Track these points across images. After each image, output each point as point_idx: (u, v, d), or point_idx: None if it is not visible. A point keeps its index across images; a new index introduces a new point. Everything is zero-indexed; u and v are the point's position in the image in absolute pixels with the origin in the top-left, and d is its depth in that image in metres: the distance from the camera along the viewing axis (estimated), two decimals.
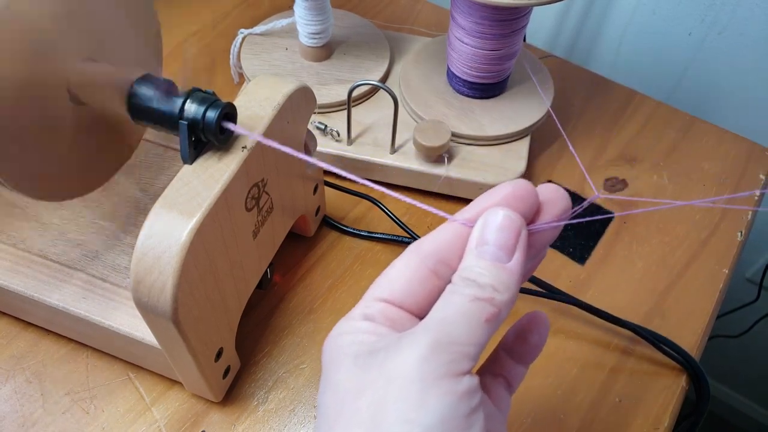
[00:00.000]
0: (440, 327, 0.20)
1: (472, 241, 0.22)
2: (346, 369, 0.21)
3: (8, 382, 0.41)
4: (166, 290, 0.30)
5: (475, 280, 0.21)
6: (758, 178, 0.55)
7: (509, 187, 0.22)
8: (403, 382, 0.20)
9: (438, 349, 0.20)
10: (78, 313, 0.38)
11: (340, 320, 0.23)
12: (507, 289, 0.21)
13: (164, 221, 0.30)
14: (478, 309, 0.21)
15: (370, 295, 0.23)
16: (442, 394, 0.19)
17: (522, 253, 0.22)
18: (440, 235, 0.23)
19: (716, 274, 0.49)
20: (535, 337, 0.26)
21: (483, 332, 0.20)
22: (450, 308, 0.21)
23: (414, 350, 0.20)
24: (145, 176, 0.45)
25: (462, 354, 0.20)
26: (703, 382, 0.43)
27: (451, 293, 0.21)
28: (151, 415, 0.40)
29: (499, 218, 0.21)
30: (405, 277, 0.23)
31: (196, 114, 0.31)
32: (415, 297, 0.23)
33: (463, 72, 0.52)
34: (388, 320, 0.23)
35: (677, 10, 0.68)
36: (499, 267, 0.21)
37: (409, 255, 0.23)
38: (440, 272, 0.23)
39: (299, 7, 0.52)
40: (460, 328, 0.20)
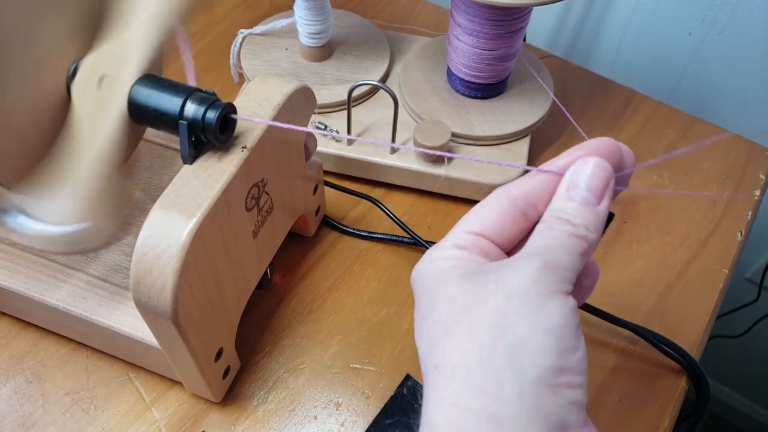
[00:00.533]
0: (546, 253, 0.23)
1: (563, 185, 0.24)
2: (458, 284, 0.23)
3: (8, 383, 0.41)
4: (165, 290, 0.30)
5: (569, 219, 0.23)
6: (758, 178, 0.55)
7: (597, 141, 0.25)
8: (523, 295, 0.22)
9: (548, 269, 0.22)
10: (78, 313, 0.38)
11: (430, 249, 0.25)
12: (596, 230, 0.23)
13: (164, 221, 0.30)
14: (576, 243, 0.23)
15: (460, 228, 0.25)
16: (558, 305, 0.22)
17: (609, 200, 0.24)
18: (529, 181, 0.25)
19: (716, 274, 0.49)
20: (588, 280, 0.29)
21: (579, 262, 0.23)
22: (553, 240, 0.23)
23: (527, 270, 0.22)
24: (145, 176, 0.45)
25: (565, 277, 0.22)
26: (703, 382, 0.43)
27: (548, 229, 0.23)
28: (151, 415, 0.40)
29: (591, 165, 0.24)
30: (497, 213, 0.25)
31: (196, 114, 0.31)
32: (505, 233, 0.25)
33: (463, 72, 0.52)
34: (482, 252, 0.25)
35: (677, 10, 0.68)
36: (590, 209, 0.23)
37: (499, 195, 0.25)
38: (528, 214, 0.25)
39: (299, 7, 0.52)
40: (564, 256, 0.23)
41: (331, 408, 0.41)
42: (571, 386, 0.21)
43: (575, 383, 0.21)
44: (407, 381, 0.42)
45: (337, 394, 0.42)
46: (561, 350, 0.21)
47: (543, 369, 0.21)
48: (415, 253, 0.49)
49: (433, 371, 0.23)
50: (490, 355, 0.21)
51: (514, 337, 0.21)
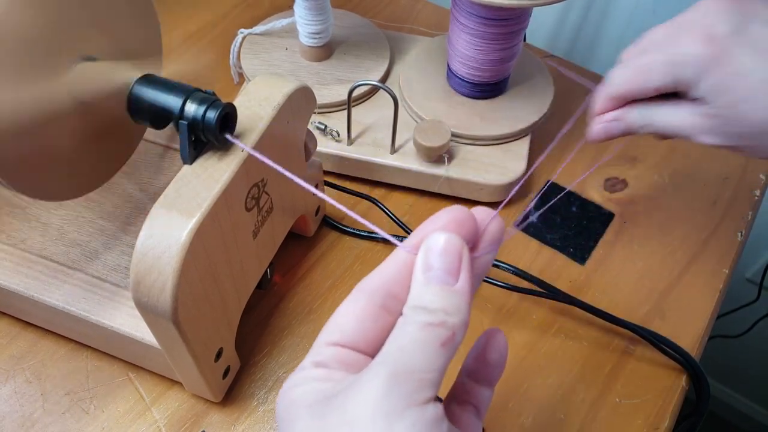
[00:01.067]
0: (396, 358, 0.20)
1: (417, 269, 0.22)
2: (303, 422, 0.20)
3: (8, 382, 0.41)
4: (165, 290, 0.30)
5: (425, 306, 0.21)
6: (758, 178, 0.55)
7: (448, 213, 0.22)
8: (367, 422, 0.19)
9: (397, 380, 0.19)
10: (78, 313, 0.38)
11: (291, 374, 0.22)
12: (458, 311, 0.21)
13: (164, 221, 0.30)
14: (432, 335, 0.20)
15: (319, 342, 0.23)
16: (409, 426, 0.19)
17: (467, 273, 0.21)
18: (385, 269, 0.23)
19: (716, 274, 0.49)
20: (495, 355, 0.25)
21: (440, 357, 0.20)
22: (404, 338, 0.20)
23: (372, 386, 0.19)
24: (145, 176, 0.45)
25: (422, 382, 0.19)
26: (703, 382, 0.43)
27: (403, 324, 0.21)
28: (150, 415, 0.40)
29: (441, 241, 0.21)
30: (354, 317, 0.22)
31: (196, 114, 0.31)
32: (367, 336, 0.22)
33: (463, 72, 0.52)
34: (342, 364, 0.22)
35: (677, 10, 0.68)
36: (447, 290, 0.21)
37: (355, 294, 0.23)
38: (390, 307, 0.22)
39: (299, 7, 0.52)
40: (417, 357, 0.20)
41: None
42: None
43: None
44: None
45: None
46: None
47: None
48: None
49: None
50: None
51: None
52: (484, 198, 0.51)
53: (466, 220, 0.22)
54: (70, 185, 0.36)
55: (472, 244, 0.23)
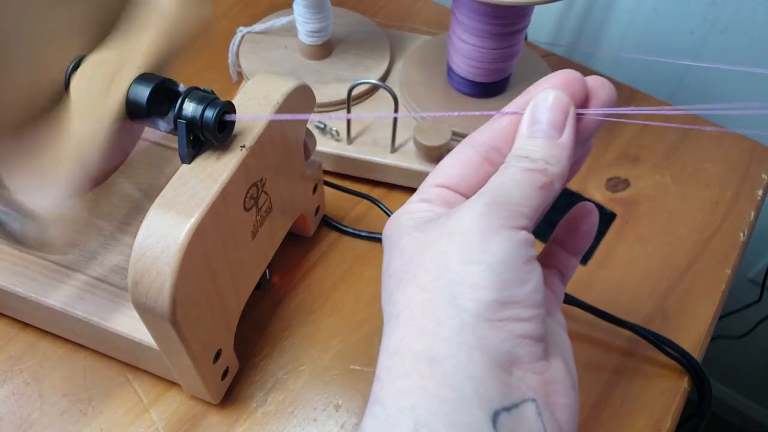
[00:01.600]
0: (495, 190, 0.22)
1: (523, 124, 0.23)
2: (409, 235, 0.23)
3: (6, 384, 0.41)
4: (164, 291, 0.29)
5: (527, 155, 0.23)
6: (761, 178, 0.55)
7: (558, 74, 0.24)
8: (465, 234, 0.21)
9: (495, 206, 0.21)
10: (76, 314, 0.38)
11: (399, 209, 0.25)
12: (558, 162, 0.22)
13: (162, 221, 0.30)
14: (532, 177, 0.22)
15: (426, 183, 0.25)
16: (502, 240, 0.21)
17: (571, 130, 0.23)
18: (493, 125, 0.25)
19: (719, 275, 0.49)
20: (585, 225, 0.27)
21: (536, 198, 0.22)
22: (504, 177, 0.22)
23: (473, 208, 0.22)
24: (143, 176, 0.44)
25: (518, 212, 0.22)
26: (706, 383, 0.43)
27: (504, 167, 0.23)
28: (149, 417, 0.40)
29: (550, 98, 0.23)
30: (459, 163, 0.25)
31: (195, 113, 0.31)
32: (469, 181, 0.25)
33: (464, 71, 0.52)
34: (444, 202, 0.24)
35: (679, 9, 0.68)
36: (550, 142, 0.23)
37: (463, 145, 0.25)
38: (492, 159, 0.24)
39: (298, 5, 0.52)
40: (515, 191, 0.22)
41: (330, 410, 0.41)
42: (519, 319, 0.21)
43: (523, 316, 0.21)
44: None
45: (337, 396, 0.41)
46: (503, 284, 0.21)
47: (482, 303, 0.20)
48: None
49: (385, 324, 0.22)
50: (431, 296, 0.21)
51: (454, 274, 0.21)
52: None
53: (575, 81, 0.24)
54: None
55: (580, 105, 0.24)
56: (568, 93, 0.23)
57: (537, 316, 0.21)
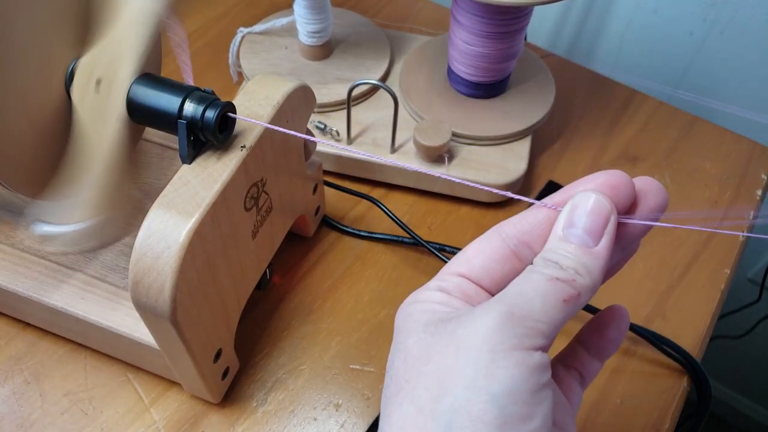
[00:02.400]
0: (515, 300, 0.20)
1: (558, 225, 0.22)
2: (416, 335, 0.21)
3: (6, 383, 0.41)
4: (164, 290, 0.30)
5: (557, 261, 0.21)
6: (760, 178, 0.55)
7: (604, 175, 0.22)
8: (473, 350, 0.19)
9: (511, 320, 0.19)
10: (77, 314, 0.38)
11: (414, 291, 0.23)
12: (589, 274, 0.21)
13: (163, 221, 0.30)
14: (557, 289, 0.20)
15: (446, 270, 0.23)
16: (512, 365, 0.19)
17: (609, 240, 0.21)
18: (526, 217, 0.23)
19: (718, 275, 0.49)
20: (614, 331, 0.25)
21: (559, 312, 0.20)
22: (527, 284, 0.20)
23: (486, 320, 0.20)
24: (144, 176, 0.44)
25: (535, 330, 0.20)
26: (705, 383, 0.43)
27: (530, 272, 0.21)
28: (149, 416, 0.40)
29: (590, 202, 0.21)
30: (485, 254, 0.23)
31: (195, 113, 0.31)
32: (493, 276, 0.23)
33: (463, 71, 0.52)
34: (464, 295, 0.22)
35: (678, 9, 0.68)
36: (584, 250, 0.21)
37: (491, 233, 0.23)
38: (521, 254, 0.23)
39: (299, 6, 0.52)
40: (536, 304, 0.20)
41: (330, 409, 0.41)
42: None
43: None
44: None
45: (337, 396, 0.41)
46: (505, 419, 0.19)
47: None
48: (415, 253, 0.49)
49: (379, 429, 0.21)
50: (425, 421, 0.19)
51: (454, 400, 0.19)
52: (485, 198, 0.51)
53: (621, 185, 0.22)
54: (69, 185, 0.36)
55: (625, 210, 0.22)
56: (611, 197, 0.21)
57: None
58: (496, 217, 0.52)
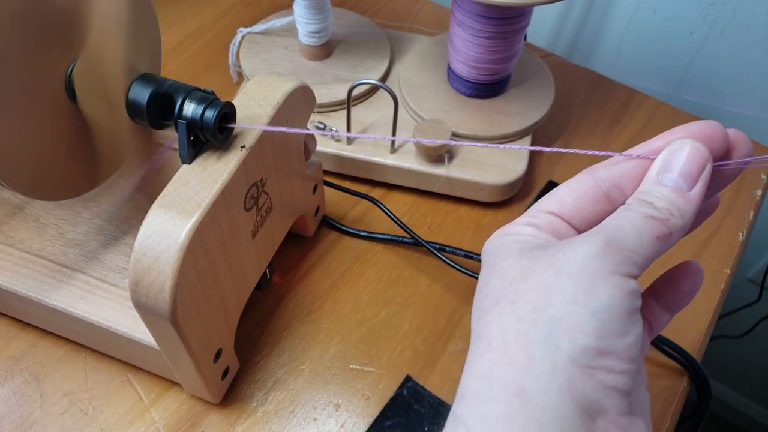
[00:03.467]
0: (613, 232, 0.21)
1: (653, 168, 0.23)
2: (513, 259, 0.22)
3: (6, 383, 0.41)
4: (164, 290, 0.30)
5: (652, 202, 0.22)
6: (760, 178, 0.55)
7: (699, 124, 0.23)
8: (574, 272, 0.21)
9: (609, 249, 0.21)
10: (76, 314, 0.38)
11: (503, 226, 0.24)
12: (682, 216, 0.22)
13: (163, 221, 0.30)
14: (652, 225, 0.21)
15: (537, 207, 0.24)
16: (611, 286, 0.20)
17: (703, 186, 0.22)
18: (619, 163, 0.24)
19: (718, 275, 0.49)
20: (687, 285, 0.26)
21: (652, 247, 0.21)
22: (624, 219, 0.21)
23: (586, 246, 0.21)
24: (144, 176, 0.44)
25: (631, 260, 0.21)
26: (705, 383, 0.43)
27: (625, 209, 0.22)
28: (149, 416, 0.40)
29: (687, 148, 0.22)
30: (577, 193, 0.24)
31: (195, 113, 0.31)
32: (584, 215, 0.24)
33: (463, 71, 0.52)
34: (553, 231, 0.23)
35: (678, 9, 0.68)
36: (678, 193, 0.22)
37: (584, 174, 0.24)
38: (613, 196, 0.23)
39: (299, 6, 0.52)
40: (632, 237, 0.21)
41: (330, 409, 0.41)
42: (612, 371, 0.20)
43: (617, 369, 0.20)
44: (407, 382, 0.42)
45: (337, 396, 0.41)
46: (603, 332, 0.20)
47: (579, 348, 0.20)
48: (415, 253, 0.49)
49: (473, 343, 0.22)
50: (527, 328, 0.21)
51: (555, 311, 0.20)
52: (484, 198, 0.51)
53: (717, 136, 0.23)
54: (69, 185, 0.36)
55: (718, 160, 0.23)
56: (708, 146, 0.22)
57: (630, 370, 0.21)
58: (496, 217, 0.52)
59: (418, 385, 0.42)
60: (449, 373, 0.42)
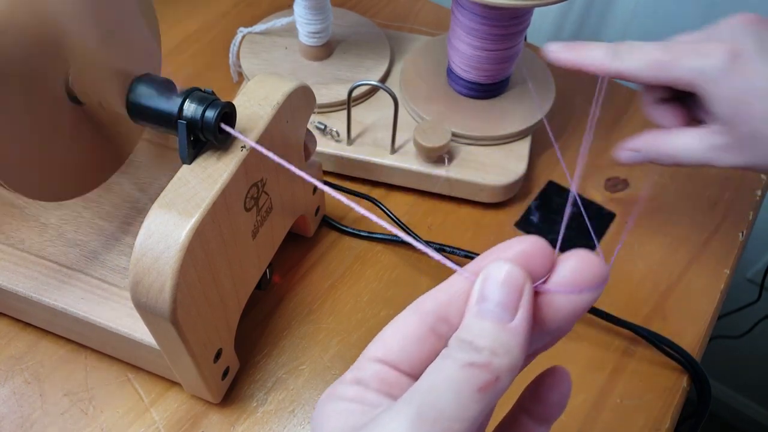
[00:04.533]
0: (424, 399, 0.18)
1: (472, 298, 0.20)
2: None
3: (7, 383, 0.41)
4: (164, 291, 0.30)
5: (472, 341, 0.19)
6: (759, 178, 0.55)
7: (519, 242, 0.20)
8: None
9: (422, 425, 0.18)
10: (77, 314, 0.38)
11: (334, 383, 0.22)
12: (507, 353, 0.18)
13: (163, 221, 0.30)
14: (471, 376, 0.18)
15: (365, 355, 0.21)
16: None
17: (527, 312, 0.19)
18: (443, 290, 0.21)
19: (717, 275, 0.49)
20: (555, 395, 0.23)
21: (475, 405, 0.18)
22: (438, 376, 0.18)
23: (392, 427, 0.18)
24: (144, 176, 0.44)
25: (451, 429, 0.18)
26: (705, 383, 0.43)
27: (443, 358, 0.19)
28: (150, 416, 0.40)
29: (502, 272, 0.19)
30: (401, 335, 0.21)
31: (195, 113, 0.31)
32: (411, 358, 0.21)
33: (463, 72, 0.52)
34: (383, 383, 0.21)
35: (678, 10, 0.68)
36: (500, 327, 0.19)
37: (407, 311, 0.21)
38: (440, 331, 0.21)
39: (299, 6, 0.52)
40: (448, 400, 0.18)
41: None
42: None
43: None
44: None
45: None
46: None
47: None
48: (415, 253, 0.49)
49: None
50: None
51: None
52: (484, 198, 0.51)
53: (538, 253, 0.20)
54: (69, 185, 0.36)
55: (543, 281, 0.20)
56: (525, 267, 0.20)
57: None
58: (496, 217, 0.52)
59: None
60: None
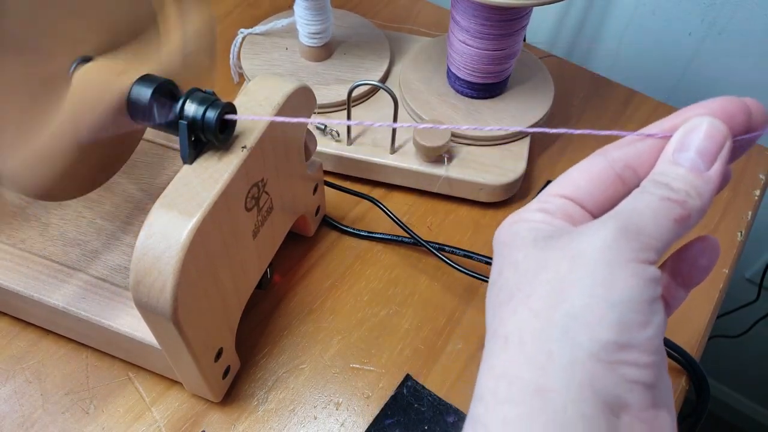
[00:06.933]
0: (629, 216, 0.20)
1: (669, 148, 0.22)
2: (526, 249, 0.22)
3: (8, 382, 0.41)
4: (165, 290, 0.30)
5: (668, 183, 0.21)
6: (758, 178, 0.55)
7: (718, 100, 0.22)
8: (590, 262, 0.20)
9: (626, 235, 0.20)
10: (78, 314, 0.38)
11: (516, 211, 0.23)
12: (700, 196, 0.21)
13: (164, 221, 0.30)
14: (668, 208, 0.20)
15: (549, 191, 0.23)
16: (629, 276, 0.19)
17: (722, 165, 0.21)
18: (632, 143, 0.23)
19: (716, 274, 0.49)
20: (705, 260, 0.25)
21: (670, 231, 0.20)
22: (639, 202, 0.21)
23: (601, 234, 0.20)
24: (145, 176, 0.45)
25: (649, 245, 0.20)
26: (703, 382, 0.43)
27: (640, 192, 0.21)
28: (150, 415, 0.40)
29: (705, 126, 0.21)
30: (589, 175, 0.23)
31: (196, 114, 0.31)
32: (596, 197, 0.23)
33: (463, 72, 0.52)
34: (566, 215, 0.23)
35: (677, 10, 0.68)
36: (695, 173, 0.21)
37: (595, 156, 0.23)
38: (626, 178, 0.23)
39: (299, 7, 0.52)
40: (649, 221, 0.20)
41: (331, 408, 0.41)
42: (634, 365, 0.19)
43: (640, 362, 0.19)
44: (407, 381, 0.42)
45: (337, 394, 0.42)
46: (624, 325, 0.19)
47: (599, 343, 0.19)
48: (415, 253, 0.49)
49: (489, 340, 0.21)
50: (543, 324, 0.20)
51: (572, 306, 0.19)
52: (484, 198, 0.51)
53: (737, 113, 0.22)
54: (70, 185, 0.36)
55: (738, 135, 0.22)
56: (727, 123, 0.21)
57: (653, 363, 0.20)
58: (496, 217, 0.52)
59: (418, 384, 0.42)
60: (449, 372, 0.42)
